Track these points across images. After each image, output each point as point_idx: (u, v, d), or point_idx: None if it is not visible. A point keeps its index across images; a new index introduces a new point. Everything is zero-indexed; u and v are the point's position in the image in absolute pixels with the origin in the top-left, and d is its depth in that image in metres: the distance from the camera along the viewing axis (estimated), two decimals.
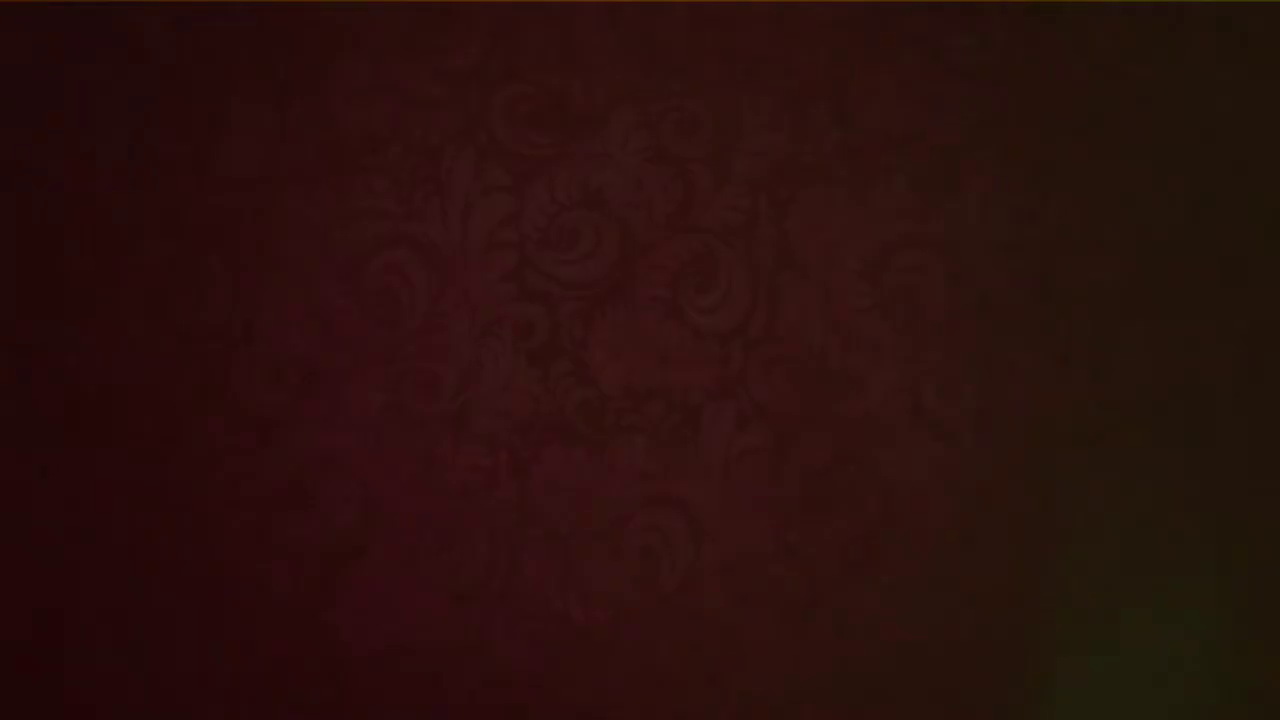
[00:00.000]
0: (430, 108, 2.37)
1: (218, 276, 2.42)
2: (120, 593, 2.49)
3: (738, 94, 2.34)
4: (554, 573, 2.39)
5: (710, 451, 2.36)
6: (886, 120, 2.32)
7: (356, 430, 2.40)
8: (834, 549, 2.35)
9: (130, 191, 2.43)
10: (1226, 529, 2.29)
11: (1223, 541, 2.29)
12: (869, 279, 2.33)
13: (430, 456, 2.39)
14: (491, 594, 2.40)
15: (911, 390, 2.33)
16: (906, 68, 2.32)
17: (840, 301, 2.33)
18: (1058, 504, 2.31)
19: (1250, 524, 2.28)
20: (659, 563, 2.37)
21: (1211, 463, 2.30)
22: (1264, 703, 2.28)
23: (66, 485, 2.50)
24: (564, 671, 2.40)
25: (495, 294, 2.37)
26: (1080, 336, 2.31)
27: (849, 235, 2.33)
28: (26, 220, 2.47)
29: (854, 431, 2.33)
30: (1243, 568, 2.29)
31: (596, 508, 2.37)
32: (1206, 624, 2.30)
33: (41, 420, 2.48)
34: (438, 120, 2.37)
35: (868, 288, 2.33)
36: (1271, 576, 2.28)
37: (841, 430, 2.33)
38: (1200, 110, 2.29)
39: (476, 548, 2.39)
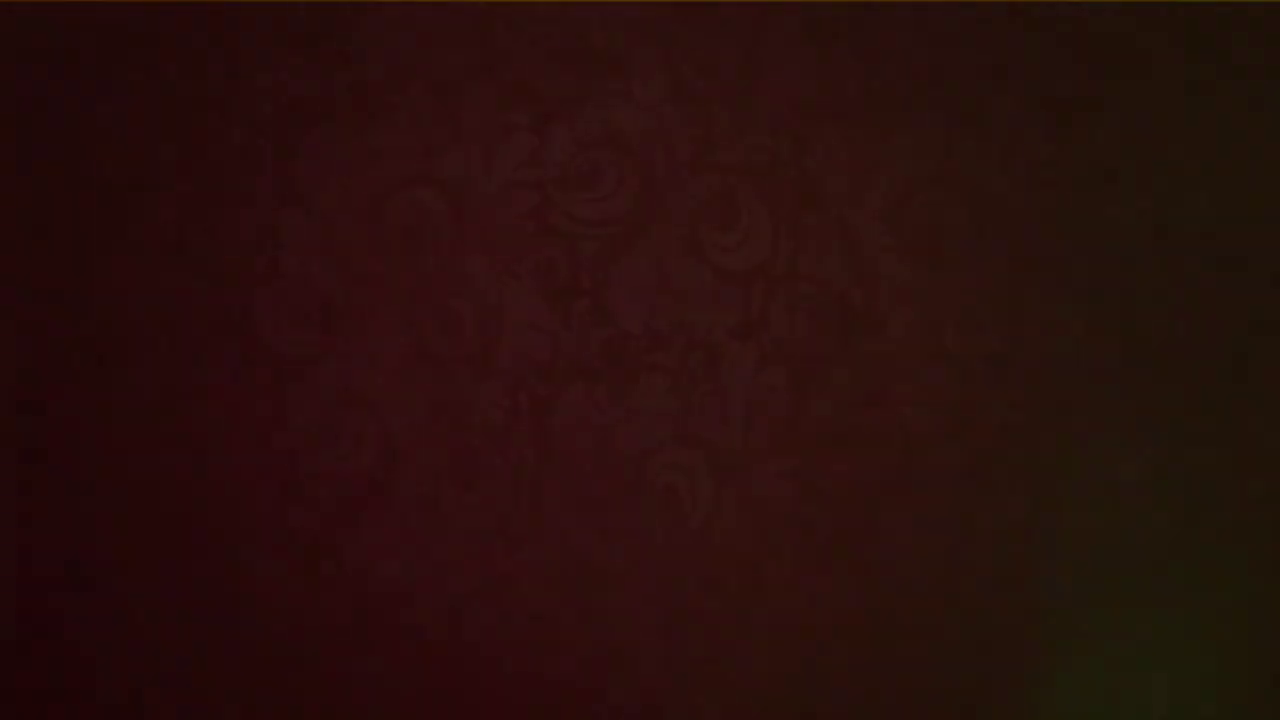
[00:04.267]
0: (450, 45, 2.39)
1: (240, 216, 2.43)
2: (140, 530, 2.49)
3: (758, 32, 2.34)
4: (574, 512, 2.38)
5: (731, 391, 2.35)
6: (909, 57, 2.32)
7: (379, 369, 2.40)
8: (855, 488, 2.33)
9: (151, 128, 2.46)
10: (1251, 464, 2.26)
11: (1246, 476, 2.26)
12: (891, 218, 2.32)
13: (451, 396, 2.39)
14: (512, 533, 2.39)
15: (934, 330, 2.31)
16: (928, 3, 2.32)
17: (862, 240, 2.33)
18: (1077, 443, 2.30)
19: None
20: (681, 502, 2.35)
21: (1236, 404, 2.27)
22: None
23: (85, 424, 2.51)
24: (585, 610, 2.38)
25: (516, 233, 2.37)
26: (1105, 275, 2.29)
27: (871, 174, 2.32)
28: (46, 160, 2.49)
29: (875, 371, 2.32)
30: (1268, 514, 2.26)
31: (618, 447, 2.36)
32: (1232, 560, 2.27)
33: (62, 359, 2.50)
34: (458, 57, 2.39)
35: (889, 226, 2.32)
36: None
37: (862, 370, 2.32)
38: (1228, 47, 2.28)
39: (498, 487, 2.38)
